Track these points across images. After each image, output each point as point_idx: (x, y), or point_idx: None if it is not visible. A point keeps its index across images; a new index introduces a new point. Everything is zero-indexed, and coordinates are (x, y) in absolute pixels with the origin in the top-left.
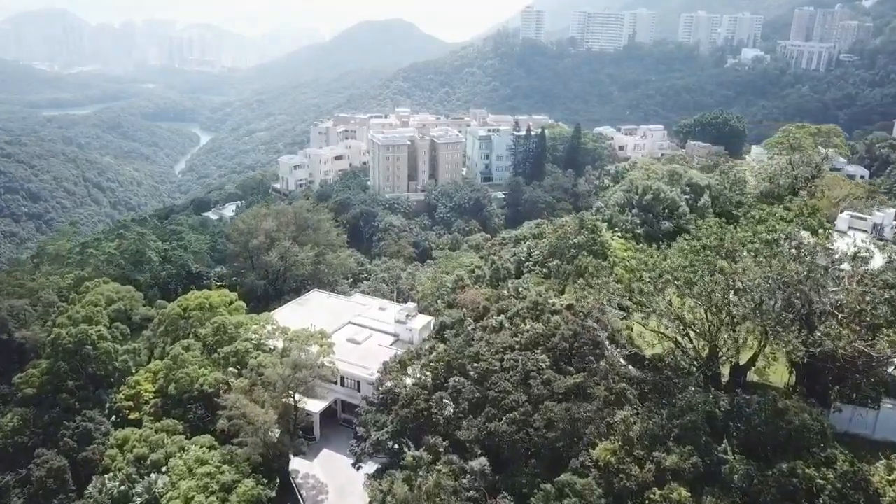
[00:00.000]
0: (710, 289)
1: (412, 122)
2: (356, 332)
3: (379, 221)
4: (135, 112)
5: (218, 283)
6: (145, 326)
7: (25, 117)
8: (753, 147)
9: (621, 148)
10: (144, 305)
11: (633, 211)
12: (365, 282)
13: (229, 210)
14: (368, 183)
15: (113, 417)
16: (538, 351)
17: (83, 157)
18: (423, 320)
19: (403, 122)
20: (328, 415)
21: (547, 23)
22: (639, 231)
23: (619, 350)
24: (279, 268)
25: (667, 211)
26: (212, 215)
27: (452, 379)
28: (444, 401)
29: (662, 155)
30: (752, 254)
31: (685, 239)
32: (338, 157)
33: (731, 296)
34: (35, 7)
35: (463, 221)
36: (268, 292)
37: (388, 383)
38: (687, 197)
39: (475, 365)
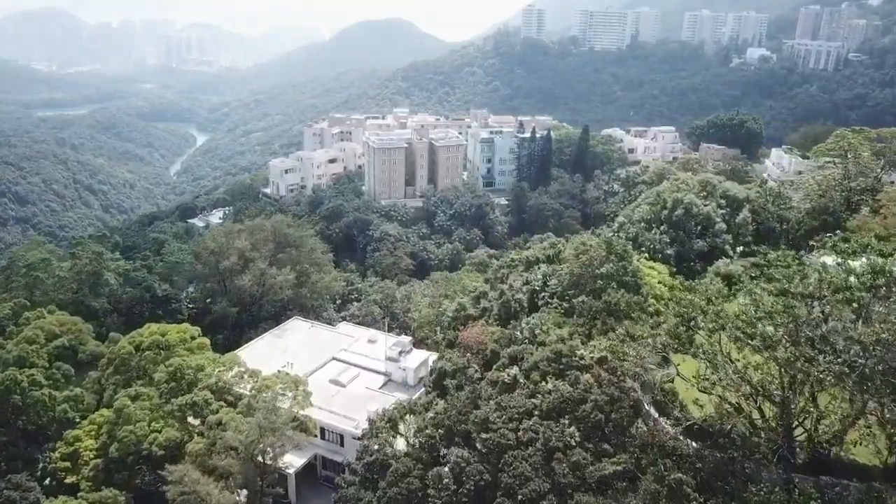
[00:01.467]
0: (798, 353)
1: (410, 123)
2: (341, 372)
3: (374, 230)
4: (131, 112)
5: (190, 307)
6: (95, 365)
7: (19, 118)
8: (773, 150)
9: (631, 151)
10: (96, 338)
11: (661, 228)
12: (355, 303)
13: (216, 217)
14: (363, 188)
15: (47, 481)
16: (565, 420)
17: (75, 158)
18: (418, 357)
19: (401, 124)
20: (307, 470)
21: (548, 22)
22: (668, 251)
23: (669, 421)
24: (255, 292)
25: (700, 228)
26: (198, 222)
27: (454, 450)
28: (444, 480)
29: (675, 158)
30: (854, 304)
31: (754, 280)
32: (332, 161)
33: (809, 351)
34: (34, 6)
35: (464, 230)
36: (242, 319)
37: (375, 447)
38: (723, 212)
39: (483, 436)
